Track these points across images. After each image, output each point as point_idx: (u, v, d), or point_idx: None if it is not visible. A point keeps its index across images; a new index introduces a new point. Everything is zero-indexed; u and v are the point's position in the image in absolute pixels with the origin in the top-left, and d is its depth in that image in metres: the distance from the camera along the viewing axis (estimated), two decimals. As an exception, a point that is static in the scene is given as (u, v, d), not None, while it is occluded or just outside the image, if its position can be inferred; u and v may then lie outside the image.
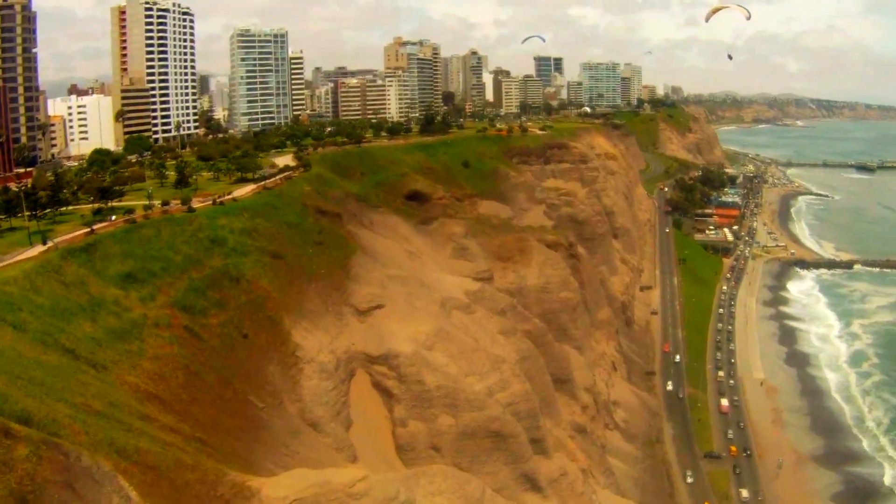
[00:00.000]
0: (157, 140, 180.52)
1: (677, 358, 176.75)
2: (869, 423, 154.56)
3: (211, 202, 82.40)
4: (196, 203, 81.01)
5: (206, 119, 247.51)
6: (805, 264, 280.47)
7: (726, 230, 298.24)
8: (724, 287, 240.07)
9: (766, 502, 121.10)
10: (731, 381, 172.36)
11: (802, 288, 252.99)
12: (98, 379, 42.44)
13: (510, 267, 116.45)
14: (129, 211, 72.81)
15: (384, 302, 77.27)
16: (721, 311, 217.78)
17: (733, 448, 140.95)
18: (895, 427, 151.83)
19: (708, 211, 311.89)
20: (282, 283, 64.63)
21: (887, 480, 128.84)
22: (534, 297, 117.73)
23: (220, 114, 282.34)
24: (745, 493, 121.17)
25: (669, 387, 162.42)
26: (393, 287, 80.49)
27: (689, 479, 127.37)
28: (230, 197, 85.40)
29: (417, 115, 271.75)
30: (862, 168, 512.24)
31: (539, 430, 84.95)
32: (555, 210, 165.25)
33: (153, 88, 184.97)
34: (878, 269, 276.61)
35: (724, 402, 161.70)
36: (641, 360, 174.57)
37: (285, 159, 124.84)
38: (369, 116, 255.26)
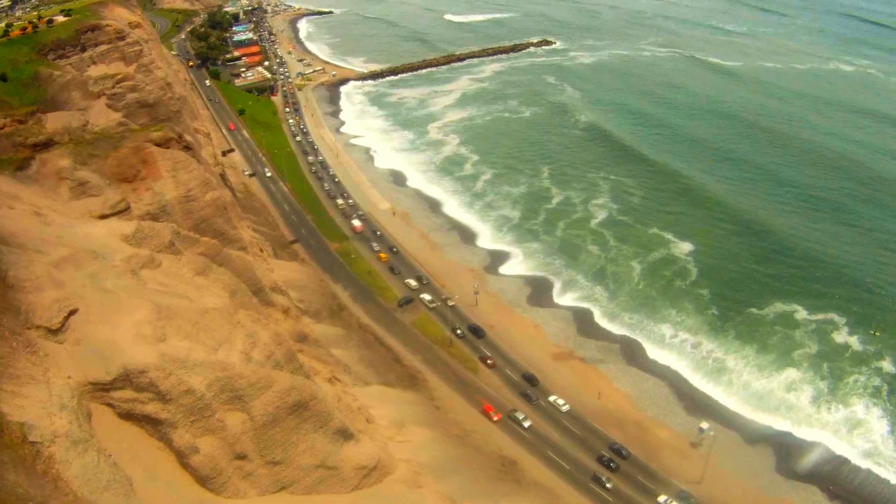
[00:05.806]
0: None
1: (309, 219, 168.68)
2: (503, 226, 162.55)
3: None
4: None
5: None
6: (347, 83, 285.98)
7: (260, 69, 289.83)
8: (291, 122, 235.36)
9: (484, 330, 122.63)
10: (351, 201, 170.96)
11: (356, 108, 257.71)
12: None
13: (141, 186, 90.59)
14: None
15: (73, 303, 51.39)
16: (299, 139, 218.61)
17: (382, 255, 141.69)
18: (529, 217, 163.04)
19: (237, 54, 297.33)
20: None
21: (556, 285, 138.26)
22: (181, 211, 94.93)
23: None
24: (459, 330, 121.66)
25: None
26: (68, 276, 53.84)
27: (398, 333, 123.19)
28: None
29: None
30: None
31: (303, 368, 70.00)
32: (119, 100, 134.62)
33: None
34: (423, 71, 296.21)
35: (356, 222, 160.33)
36: (268, 228, 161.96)
37: None
38: None
